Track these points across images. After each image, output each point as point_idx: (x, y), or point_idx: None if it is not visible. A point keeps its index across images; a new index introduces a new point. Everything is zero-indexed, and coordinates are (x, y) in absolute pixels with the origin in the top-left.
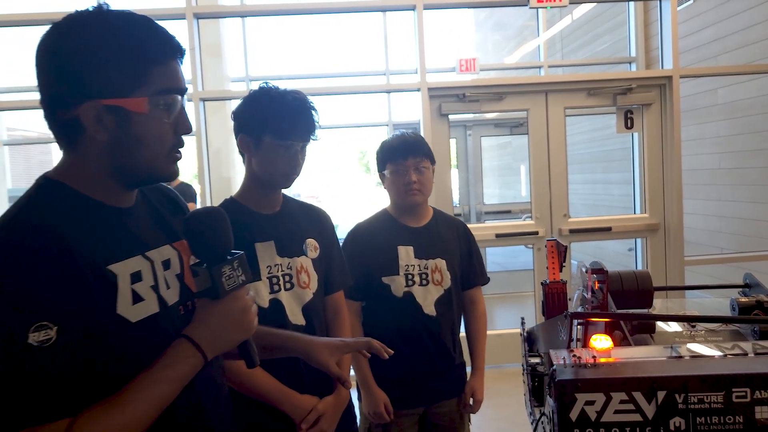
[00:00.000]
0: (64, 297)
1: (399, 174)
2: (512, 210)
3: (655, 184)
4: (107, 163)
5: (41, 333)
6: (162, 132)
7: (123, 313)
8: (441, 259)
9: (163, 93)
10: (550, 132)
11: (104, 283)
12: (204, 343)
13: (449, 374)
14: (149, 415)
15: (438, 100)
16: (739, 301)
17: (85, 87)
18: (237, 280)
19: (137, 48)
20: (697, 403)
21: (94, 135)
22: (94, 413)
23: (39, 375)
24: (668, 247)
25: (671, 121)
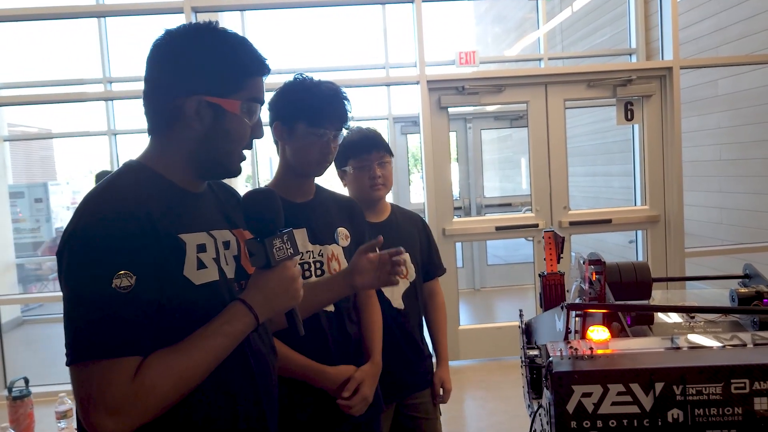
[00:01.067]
0: (143, 254)
1: (363, 169)
2: (512, 203)
3: (656, 175)
4: (192, 151)
5: (123, 279)
6: (243, 132)
7: (188, 275)
8: (405, 253)
9: (251, 101)
10: (550, 124)
11: (175, 248)
12: (257, 306)
13: (419, 366)
14: (207, 362)
15: (437, 93)
16: (738, 292)
17: (195, 83)
18: (286, 252)
19: (239, 60)
20: (696, 394)
21: (191, 124)
22: (162, 354)
23: (119, 315)
24: (669, 238)
25: (671, 113)
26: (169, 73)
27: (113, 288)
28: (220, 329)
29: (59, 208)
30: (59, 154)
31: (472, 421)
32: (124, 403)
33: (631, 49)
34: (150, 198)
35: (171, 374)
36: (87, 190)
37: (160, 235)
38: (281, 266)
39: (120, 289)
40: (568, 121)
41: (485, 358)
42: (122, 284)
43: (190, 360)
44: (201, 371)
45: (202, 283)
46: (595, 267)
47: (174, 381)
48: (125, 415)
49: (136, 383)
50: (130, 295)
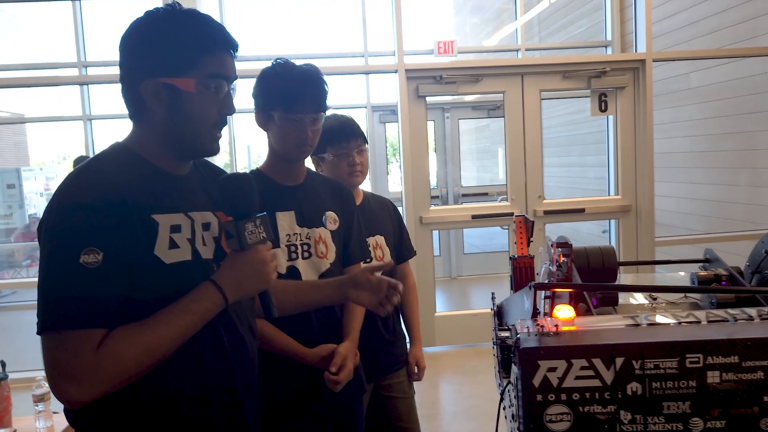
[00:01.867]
0: (111, 233)
1: (342, 157)
2: (489, 192)
3: (628, 166)
4: (162, 134)
5: (91, 255)
6: (206, 110)
7: (159, 254)
8: (380, 236)
9: (213, 77)
10: (526, 114)
11: (147, 227)
12: (226, 287)
13: (395, 347)
14: (172, 338)
15: (415, 82)
16: (698, 275)
17: (151, 66)
18: (258, 236)
19: (191, 38)
20: (653, 368)
21: (152, 108)
22: (127, 328)
23: (85, 289)
24: (639, 228)
25: (644, 104)
26: (129, 59)
27: (81, 263)
28: (188, 307)
29: (32, 194)
30: (32, 139)
31: (447, 405)
32: (86, 372)
33: (607, 41)
34: (127, 179)
35: (135, 347)
36: (62, 176)
37: (132, 215)
38: (253, 249)
39: (87, 265)
40: (544, 111)
41: (461, 345)
42: (89, 260)
43: (154, 334)
44: (166, 346)
45: (173, 263)
46: (563, 249)
47: (137, 354)
48: (88, 383)
49: (99, 354)
50: (97, 270)
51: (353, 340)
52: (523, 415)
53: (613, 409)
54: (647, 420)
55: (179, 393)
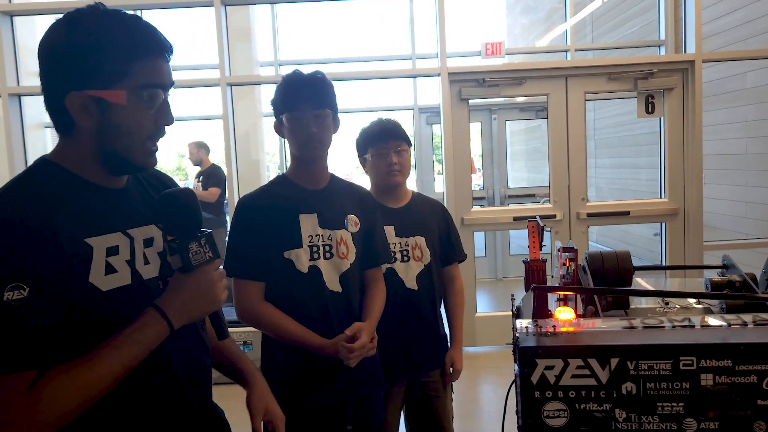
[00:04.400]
0: (38, 263)
1: (381, 157)
2: (536, 194)
3: (676, 168)
4: (93, 148)
5: (15, 292)
6: (140, 122)
7: (94, 281)
8: (420, 237)
9: (144, 87)
10: (570, 116)
11: (80, 253)
12: (171, 312)
13: (431, 346)
14: (114, 373)
15: (458, 85)
16: (712, 281)
17: (71, 79)
18: (204, 256)
19: (120, 45)
20: (647, 369)
21: (79, 122)
22: (63, 368)
23: (10, 329)
24: (688, 232)
25: (693, 106)
26: (51, 69)
27: (4, 301)
28: (130, 338)
29: None
30: None
31: (484, 405)
32: (18, 417)
33: (660, 40)
34: (55, 201)
35: (72, 387)
36: None
37: (62, 241)
38: (199, 270)
39: (12, 302)
40: (596, 112)
41: (501, 346)
42: (14, 297)
43: (93, 372)
44: (107, 382)
45: (110, 289)
46: (568, 254)
47: (76, 394)
48: (26, 427)
49: (32, 397)
50: (24, 307)
51: (371, 321)
52: (521, 410)
53: (609, 408)
54: (642, 419)
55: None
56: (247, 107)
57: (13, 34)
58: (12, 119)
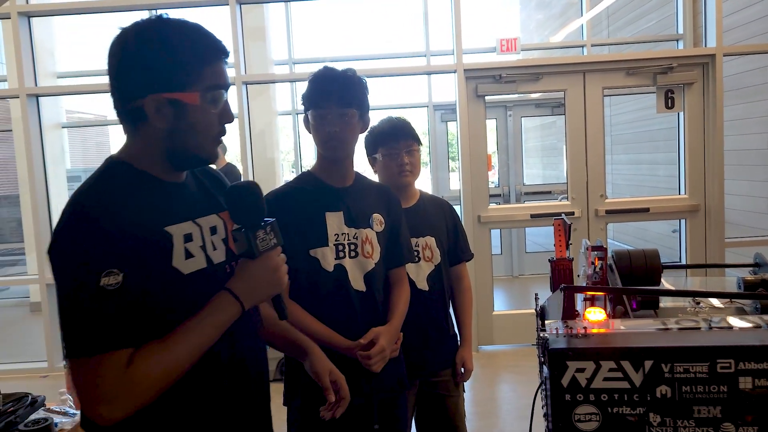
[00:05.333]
0: (129, 251)
1: (392, 157)
2: (553, 191)
3: (696, 164)
4: (163, 146)
5: (111, 277)
6: (210, 121)
7: (177, 266)
8: (430, 237)
9: (212, 89)
10: (588, 112)
11: (162, 241)
12: (242, 295)
13: (442, 346)
14: (194, 352)
15: (474, 82)
16: (745, 279)
17: (149, 83)
18: (269, 243)
19: (192, 51)
20: (683, 372)
21: (154, 123)
22: (151, 347)
23: (108, 312)
24: (709, 228)
25: (714, 101)
26: (123, 76)
27: (101, 286)
28: (207, 320)
29: None
30: (114, 140)
31: (502, 404)
32: (117, 393)
33: (678, 34)
34: (133, 194)
35: (161, 365)
36: None
37: (147, 230)
38: (264, 256)
39: (108, 287)
40: (612, 108)
41: (519, 344)
42: (110, 282)
43: (178, 350)
44: (189, 360)
45: (191, 272)
46: (597, 253)
47: (164, 371)
48: (119, 403)
49: (128, 374)
50: (118, 291)
51: (392, 324)
52: (552, 414)
53: (642, 411)
54: (677, 423)
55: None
56: (262, 106)
57: (30, 35)
58: (30, 119)
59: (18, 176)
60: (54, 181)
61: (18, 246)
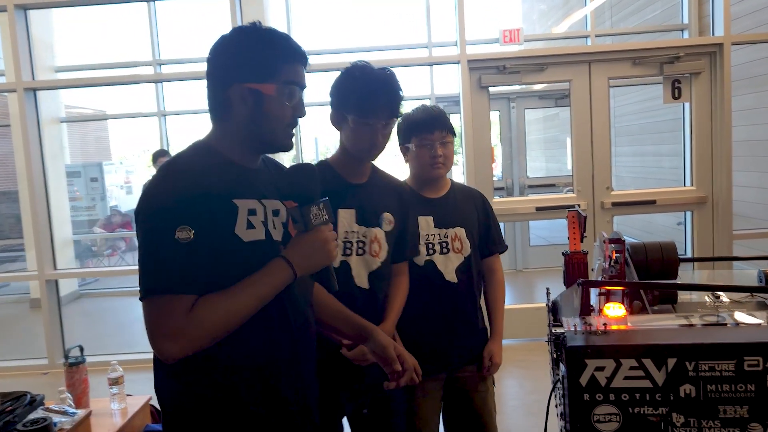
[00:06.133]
0: (200, 213)
1: (425, 147)
2: (556, 183)
3: (704, 155)
4: (243, 132)
5: (184, 232)
6: (283, 112)
7: (238, 233)
8: (460, 228)
9: (288, 83)
10: (594, 103)
11: (229, 210)
12: (294, 262)
13: (470, 339)
14: (249, 306)
15: (478, 72)
16: (766, 273)
17: (238, 73)
18: (321, 218)
19: (273, 50)
20: (708, 371)
21: (237, 109)
22: (213, 296)
23: (179, 260)
24: (716, 220)
25: (721, 91)
26: (218, 68)
27: (175, 238)
28: (262, 279)
29: (113, 186)
30: (113, 135)
31: (509, 399)
32: (179, 331)
33: (683, 24)
34: (210, 170)
35: (219, 312)
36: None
37: (217, 198)
38: (316, 229)
39: (181, 240)
40: (615, 99)
41: (525, 339)
42: (183, 236)
43: (234, 302)
44: (243, 313)
45: (249, 241)
46: (615, 246)
47: (220, 318)
48: (180, 341)
49: (190, 316)
50: (189, 245)
51: (385, 325)
52: (569, 414)
53: (665, 412)
54: (701, 423)
55: (250, 362)
56: None
57: (27, 28)
58: (28, 114)
59: (17, 172)
60: (53, 176)
61: (17, 242)
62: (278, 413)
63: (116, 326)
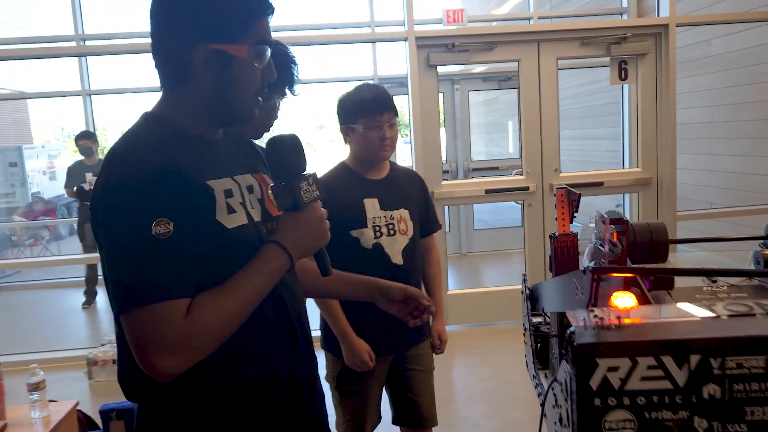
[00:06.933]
0: (177, 202)
1: (374, 129)
2: (500, 166)
3: (649, 137)
4: (204, 100)
5: (161, 226)
6: (253, 76)
7: (221, 220)
8: (404, 210)
9: (260, 43)
10: (542, 83)
11: (205, 194)
12: (290, 246)
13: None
14: (251, 301)
15: (426, 50)
16: (763, 254)
17: (200, 32)
18: (312, 194)
19: (243, 4)
20: (736, 368)
21: (199, 75)
22: (210, 294)
23: (162, 260)
24: (661, 201)
25: (666, 72)
26: (173, 25)
27: (153, 235)
28: (260, 269)
29: (35, 172)
30: (34, 117)
31: (462, 388)
32: (181, 342)
33: (622, 8)
34: (174, 148)
35: (221, 313)
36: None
37: (189, 182)
38: (309, 207)
39: (160, 236)
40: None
41: (473, 324)
42: (161, 231)
43: (236, 299)
44: (247, 309)
45: (234, 227)
46: (618, 227)
47: (224, 319)
48: (183, 353)
49: (189, 322)
50: (170, 240)
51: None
52: (577, 421)
53: (686, 416)
54: (726, 427)
55: (246, 353)
56: None
57: None
58: None
59: None
60: None
61: None
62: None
63: (38, 321)
